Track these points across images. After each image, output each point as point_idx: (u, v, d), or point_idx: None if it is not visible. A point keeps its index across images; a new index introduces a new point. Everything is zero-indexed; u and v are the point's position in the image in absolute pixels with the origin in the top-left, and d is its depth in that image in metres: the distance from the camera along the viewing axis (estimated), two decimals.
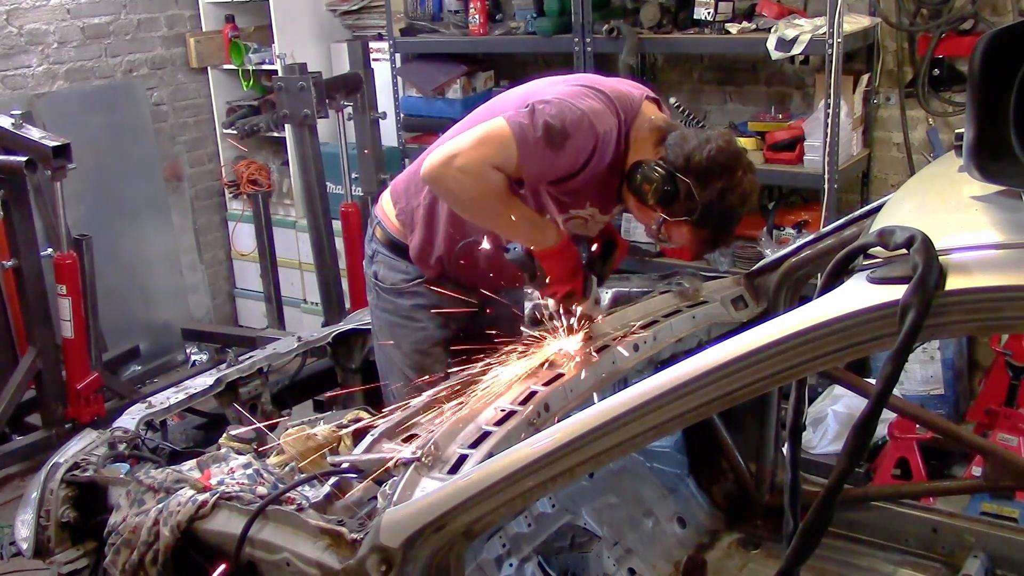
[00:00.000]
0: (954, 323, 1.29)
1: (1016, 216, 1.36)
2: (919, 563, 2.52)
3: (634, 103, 2.27)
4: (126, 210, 5.31)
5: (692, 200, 2.12)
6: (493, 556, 2.32)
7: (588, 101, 2.18)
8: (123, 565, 1.96)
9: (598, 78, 2.34)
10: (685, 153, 2.14)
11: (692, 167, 2.13)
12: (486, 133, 2.17)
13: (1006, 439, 3.53)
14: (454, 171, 2.13)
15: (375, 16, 5.33)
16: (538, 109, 2.14)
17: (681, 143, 2.16)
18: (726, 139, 2.19)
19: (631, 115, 2.25)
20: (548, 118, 2.12)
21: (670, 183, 2.13)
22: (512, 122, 2.14)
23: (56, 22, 5.08)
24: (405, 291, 2.54)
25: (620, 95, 2.25)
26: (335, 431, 2.17)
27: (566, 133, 2.13)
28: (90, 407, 4.20)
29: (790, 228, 4.21)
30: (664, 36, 4.26)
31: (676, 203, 2.15)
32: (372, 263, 2.61)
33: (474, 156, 2.13)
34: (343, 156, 4.73)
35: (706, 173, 2.12)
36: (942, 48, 4.04)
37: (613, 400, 1.52)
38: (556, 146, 2.13)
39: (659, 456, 2.87)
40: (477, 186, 2.14)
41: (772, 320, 1.44)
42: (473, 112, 2.48)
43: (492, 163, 2.13)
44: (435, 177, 2.18)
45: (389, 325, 2.59)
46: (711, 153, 2.13)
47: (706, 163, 2.12)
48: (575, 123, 2.14)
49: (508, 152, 2.13)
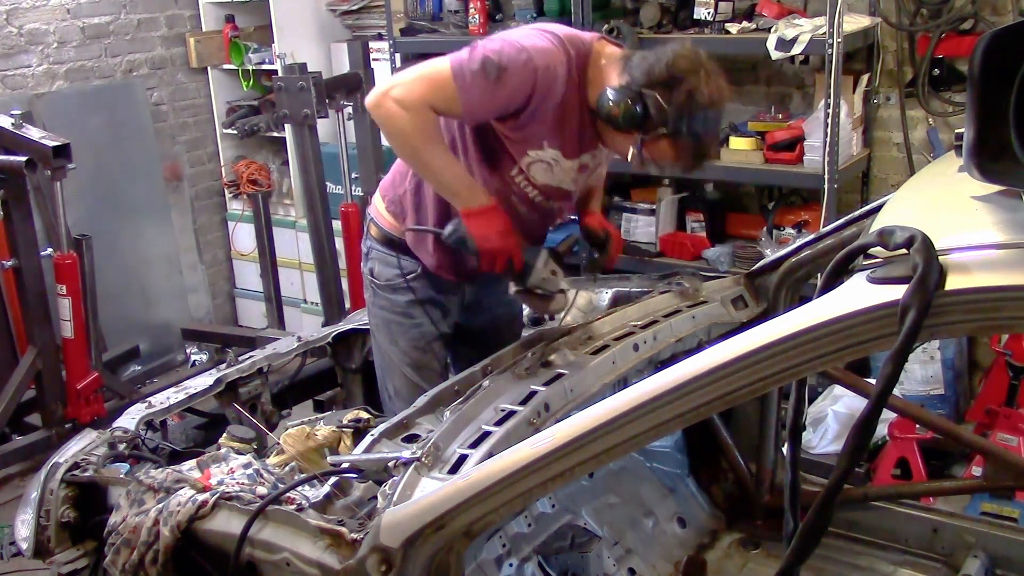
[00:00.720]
0: (954, 323, 1.29)
1: (1016, 216, 1.36)
2: (919, 563, 2.52)
3: (584, 41, 2.30)
4: (126, 210, 5.31)
5: (662, 111, 2.14)
6: (493, 556, 2.32)
7: (532, 39, 2.23)
8: (123, 565, 1.96)
9: (549, 24, 2.37)
10: (645, 69, 2.17)
11: (655, 79, 2.15)
12: (427, 71, 2.23)
13: (1006, 439, 3.53)
14: (390, 100, 2.19)
15: (375, 16, 5.33)
16: (479, 45, 2.20)
17: (640, 63, 2.19)
18: (685, 46, 2.21)
19: (582, 53, 2.28)
20: (487, 52, 2.18)
21: (637, 100, 2.15)
22: (452, 60, 2.20)
23: (56, 22, 5.08)
24: (400, 287, 2.55)
25: (570, 36, 2.29)
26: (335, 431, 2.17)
27: (503, 66, 2.17)
28: (90, 407, 4.20)
29: (790, 228, 4.21)
30: (664, 36, 4.25)
31: (648, 120, 2.16)
32: (368, 260, 2.62)
33: (410, 89, 2.19)
34: (343, 156, 4.73)
35: (669, 80, 2.14)
36: (942, 48, 4.04)
37: (613, 400, 1.52)
38: (493, 78, 2.16)
39: (659, 456, 2.87)
40: (408, 120, 2.20)
41: (772, 320, 1.44)
42: None
43: (427, 101, 2.19)
44: (374, 104, 2.24)
45: (386, 323, 2.60)
46: (669, 60, 2.15)
47: (667, 71, 2.15)
48: (513, 56, 2.18)
49: (446, 91, 2.18)
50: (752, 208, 4.60)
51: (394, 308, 2.57)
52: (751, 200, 4.63)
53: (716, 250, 4.35)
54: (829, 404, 3.91)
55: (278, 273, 5.52)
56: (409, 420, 2.05)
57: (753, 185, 4.55)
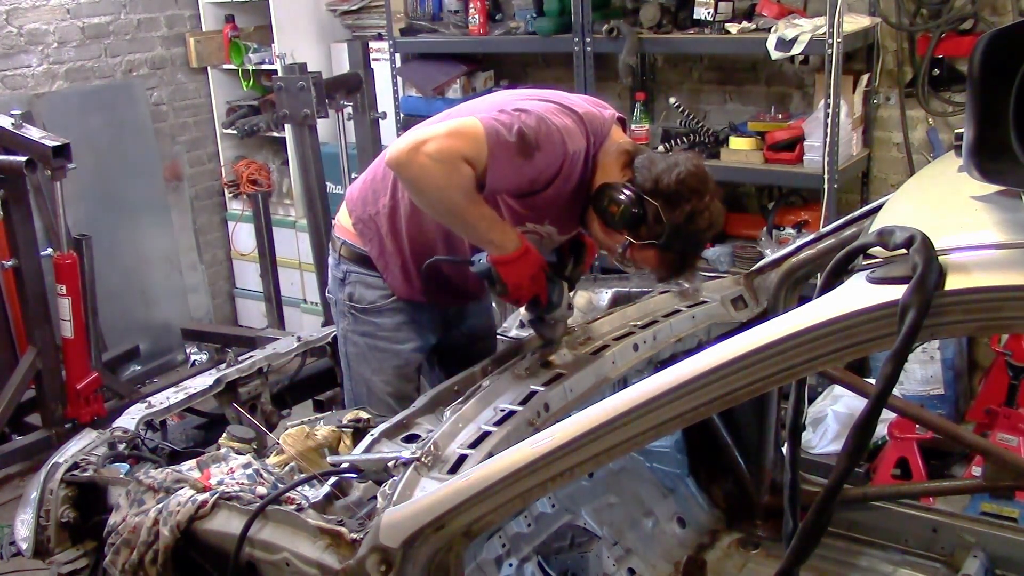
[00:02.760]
0: (954, 323, 1.29)
1: (1016, 216, 1.36)
2: (919, 563, 2.52)
3: (605, 125, 2.24)
4: (126, 210, 5.31)
5: (660, 223, 2.10)
6: (493, 556, 2.32)
7: (562, 118, 2.15)
8: (123, 565, 1.96)
9: (567, 96, 2.28)
10: (654, 176, 2.11)
11: (661, 189, 2.10)
12: (459, 126, 2.11)
13: (1006, 439, 3.53)
14: (424, 157, 2.05)
15: (375, 16, 5.33)
16: (514, 115, 2.10)
17: (649, 166, 2.14)
18: (695, 162, 2.16)
19: (600, 137, 2.22)
20: (523, 125, 2.08)
21: (638, 205, 2.11)
22: (486, 122, 2.09)
23: (56, 22, 5.08)
24: (386, 308, 2.45)
25: (591, 117, 2.21)
26: (335, 431, 2.17)
27: (538, 144, 2.09)
28: (90, 407, 4.20)
29: (790, 228, 4.21)
30: (664, 36, 4.26)
31: (643, 226, 2.12)
32: (344, 286, 2.48)
33: (446, 145, 2.06)
34: (343, 156, 4.73)
35: (675, 196, 2.10)
36: (942, 48, 4.04)
37: (613, 400, 1.52)
38: (526, 155, 2.09)
39: (659, 456, 2.87)
40: (444, 176, 2.06)
41: (772, 320, 1.44)
42: (438, 115, 2.40)
43: (463, 155, 2.06)
44: (402, 163, 2.09)
45: (370, 350, 2.48)
46: (680, 176, 2.10)
47: (675, 186, 2.10)
48: (548, 136, 2.10)
49: (479, 149, 2.06)
50: (752, 208, 4.61)
51: (379, 332, 2.46)
52: (751, 200, 4.63)
53: (716, 250, 4.34)
54: (829, 404, 3.91)
55: (278, 273, 5.51)
56: (409, 420, 2.05)
57: (753, 185, 4.55)
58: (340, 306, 2.52)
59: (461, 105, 2.40)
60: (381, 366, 2.49)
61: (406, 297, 2.44)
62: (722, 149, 4.21)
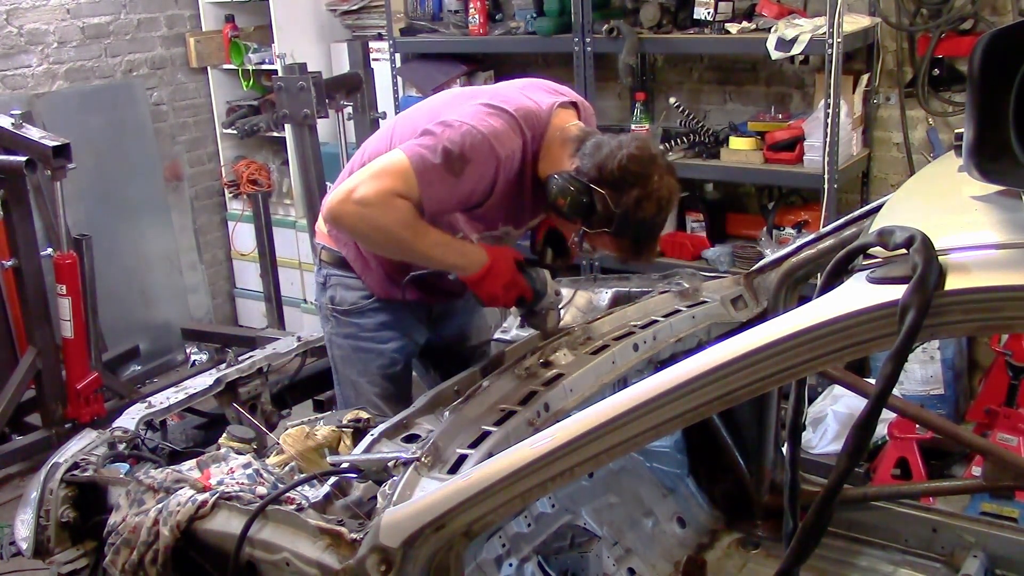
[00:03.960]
0: (954, 323, 1.29)
1: (1016, 216, 1.36)
2: (919, 563, 2.52)
3: (541, 118, 2.21)
4: (126, 210, 5.31)
5: (608, 211, 2.07)
6: (493, 556, 2.32)
7: (490, 122, 2.12)
8: (123, 565, 1.95)
9: (504, 92, 2.26)
10: (597, 163, 2.08)
11: (605, 177, 2.07)
12: (383, 166, 2.10)
13: (1006, 439, 3.53)
14: (353, 205, 2.06)
15: (375, 16, 5.33)
16: (436, 133, 2.09)
17: (594, 152, 2.10)
18: (639, 144, 2.12)
19: (539, 130, 2.20)
20: (447, 143, 2.07)
21: (585, 195, 2.08)
22: (409, 151, 2.08)
23: (56, 22, 5.08)
24: (367, 308, 2.45)
25: (525, 112, 2.19)
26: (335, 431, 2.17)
27: (465, 158, 2.08)
28: (90, 407, 4.20)
29: (790, 228, 4.21)
30: (664, 36, 4.27)
31: (593, 215, 2.09)
32: (325, 290, 2.50)
33: (374, 187, 2.06)
34: (343, 156, 4.73)
35: (620, 182, 2.06)
36: (942, 48, 4.04)
37: (613, 400, 1.52)
38: (456, 172, 2.08)
39: (659, 456, 2.87)
40: (382, 216, 2.06)
41: (772, 320, 1.44)
42: (376, 134, 2.41)
43: (394, 191, 2.05)
44: (337, 215, 2.10)
45: (354, 351, 2.49)
46: (623, 161, 2.06)
47: (618, 172, 2.06)
48: (475, 147, 2.08)
49: (408, 181, 2.06)
50: (752, 208, 4.61)
51: (361, 333, 2.46)
52: (751, 200, 4.63)
53: (716, 250, 4.35)
54: (829, 404, 3.92)
55: (278, 273, 5.52)
56: (409, 420, 2.05)
57: (753, 185, 4.55)
58: (323, 310, 2.54)
59: (394, 120, 2.38)
60: (366, 367, 2.49)
61: (385, 297, 2.43)
62: (722, 149, 4.22)
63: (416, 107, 2.41)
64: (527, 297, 2.23)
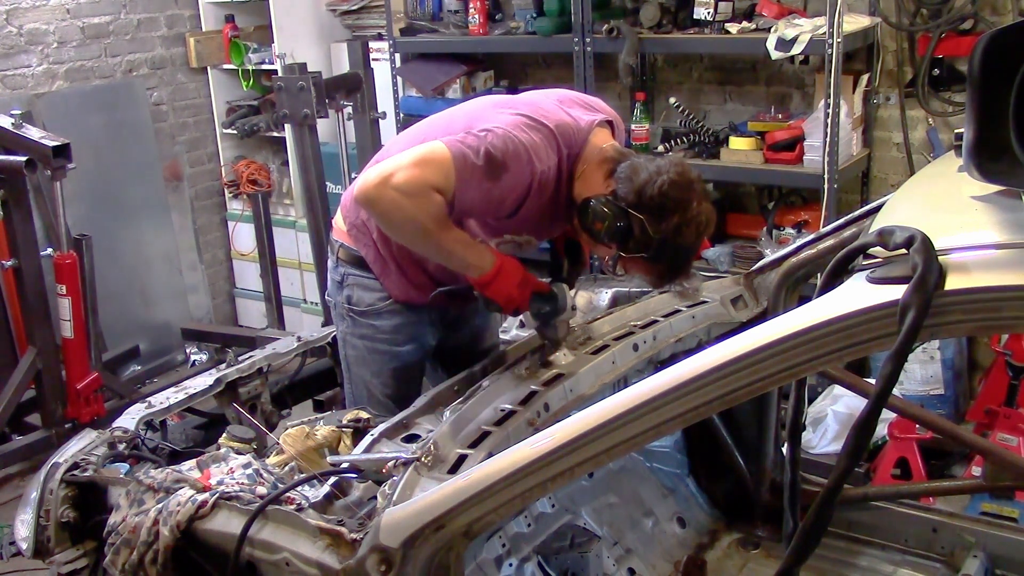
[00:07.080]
0: (954, 323, 1.29)
1: (1016, 216, 1.36)
2: (919, 563, 2.52)
3: (580, 135, 2.19)
4: (126, 210, 5.31)
5: (647, 236, 2.05)
6: (493, 556, 2.32)
7: (530, 135, 2.11)
8: (123, 565, 1.96)
9: (543, 106, 2.23)
10: (636, 187, 2.05)
11: (644, 202, 2.04)
12: (425, 154, 2.08)
13: (1006, 439, 3.53)
14: (391, 191, 2.03)
15: (375, 16, 5.33)
16: (481, 136, 2.07)
17: (632, 176, 2.07)
18: (678, 170, 2.08)
19: (576, 147, 2.18)
20: (490, 147, 2.05)
21: (623, 220, 2.05)
22: (452, 147, 2.06)
23: (56, 22, 5.07)
24: (384, 311, 2.43)
25: (564, 128, 2.17)
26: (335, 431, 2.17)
27: (505, 166, 2.06)
28: (90, 407, 4.19)
29: (790, 228, 4.21)
30: (664, 36, 4.26)
31: (630, 240, 2.07)
32: (343, 288, 2.46)
33: (414, 175, 2.03)
34: (343, 156, 4.73)
35: (660, 208, 2.03)
36: (942, 48, 4.04)
37: (613, 400, 1.52)
38: (494, 177, 2.06)
39: (659, 456, 2.87)
40: (414, 207, 2.04)
41: (772, 320, 1.44)
42: (405, 132, 2.37)
43: (432, 184, 2.04)
44: (371, 198, 2.07)
45: (368, 352, 2.47)
46: (663, 187, 2.03)
47: (659, 198, 2.03)
48: (515, 155, 2.07)
49: (447, 176, 2.04)
50: (752, 208, 4.61)
51: (378, 335, 2.44)
52: (751, 200, 4.63)
53: (716, 250, 4.35)
54: (829, 404, 3.91)
55: (278, 273, 5.52)
56: (409, 420, 2.05)
57: (753, 185, 4.55)
58: (339, 309, 2.51)
59: (429, 120, 2.36)
60: (380, 368, 2.48)
61: (403, 300, 2.42)
62: (722, 149, 4.22)
63: (448, 111, 2.36)
64: (543, 290, 2.22)
